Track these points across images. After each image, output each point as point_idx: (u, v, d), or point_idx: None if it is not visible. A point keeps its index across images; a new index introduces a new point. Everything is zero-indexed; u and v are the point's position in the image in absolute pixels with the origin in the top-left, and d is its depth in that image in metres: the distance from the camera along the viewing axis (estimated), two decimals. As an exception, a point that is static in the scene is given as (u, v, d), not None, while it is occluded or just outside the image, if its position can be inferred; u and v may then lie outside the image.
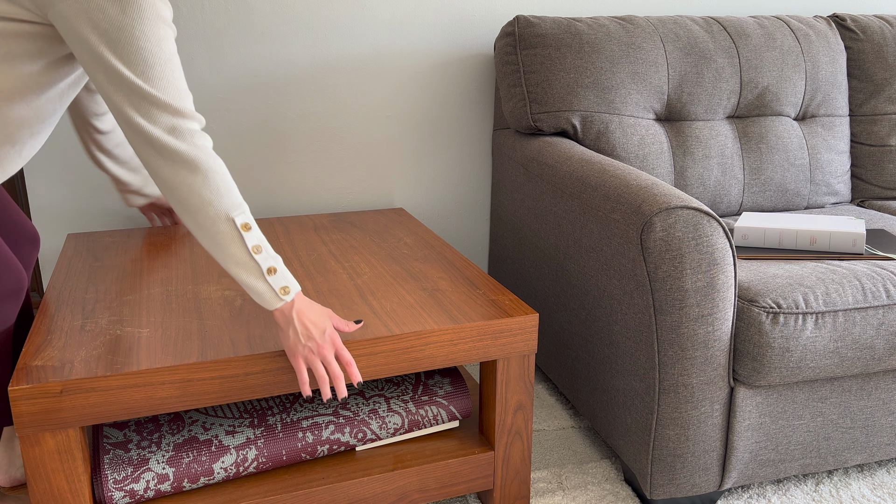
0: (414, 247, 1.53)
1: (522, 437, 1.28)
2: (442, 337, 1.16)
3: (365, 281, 1.34)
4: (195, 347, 1.09)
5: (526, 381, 1.24)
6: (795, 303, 1.20)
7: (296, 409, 1.23)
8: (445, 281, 1.34)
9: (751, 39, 1.78)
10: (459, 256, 1.46)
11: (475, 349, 1.18)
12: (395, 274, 1.37)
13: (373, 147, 1.90)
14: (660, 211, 1.17)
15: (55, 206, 1.72)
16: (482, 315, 1.20)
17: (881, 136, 1.89)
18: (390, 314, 1.19)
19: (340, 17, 1.79)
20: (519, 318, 1.20)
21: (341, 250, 1.50)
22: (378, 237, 1.60)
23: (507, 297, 1.27)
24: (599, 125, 1.66)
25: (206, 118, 1.77)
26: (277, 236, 1.60)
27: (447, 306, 1.23)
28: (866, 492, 1.41)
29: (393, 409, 1.25)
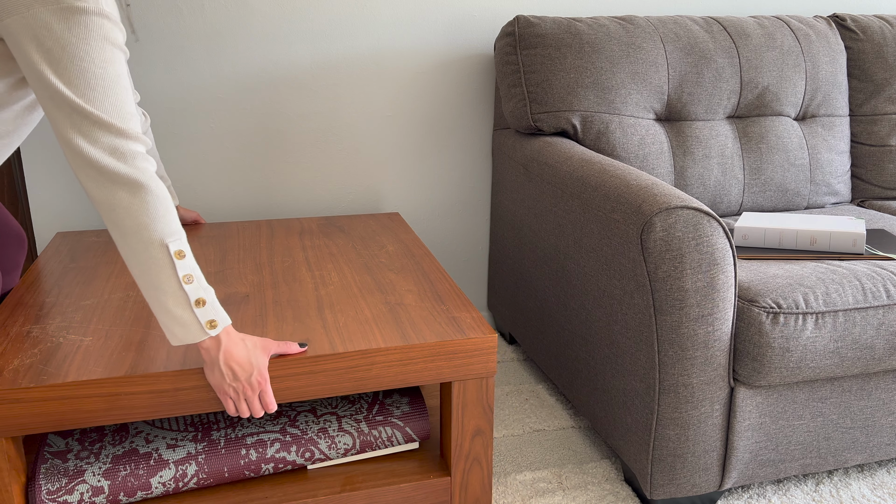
0: (394, 255, 1.48)
1: (482, 463, 1.21)
2: (389, 356, 1.10)
3: (329, 292, 1.29)
4: (129, 360, 1.05)
5: (485, 406, 1.17)
6: (795, 303, 1.20)
7: (242, 424, 1.18)
8: (412, 294, 1.29)
9: (751, 39, 1.78)
10: (437, 267, 1.41)
11: (427, 370, 1.12)
12: (363, 285, 1.33)
13: (373, 147, 1.90)
14: (660, 211, 1.17)
15: (55, 206, 1.72)
16: (438, 334, 1.13)
17: (881, 136, 1.89)
18: (341, 330, 1.14)
19: (340, 18, 1.79)
20: (475, 340, 1.13)
21: (318, 257, 1.47)
22: (361, 244, 1.55)
23: (471, 314, 1.21)
24: (599, 125, 1.66)
25: (206, 118, 1.77)
26: (259, 240, 1.57)
27: (403, 323, 1.17)
28: (866, 492, 1.41)
29: (344, 429, 1.19)
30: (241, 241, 1.57)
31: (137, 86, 1.71)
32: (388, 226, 1.70)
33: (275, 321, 1.18)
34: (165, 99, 1.73)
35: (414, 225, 1.99)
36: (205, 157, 1.79)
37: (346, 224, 1.71)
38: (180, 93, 1.73)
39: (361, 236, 1.61)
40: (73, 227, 1.74)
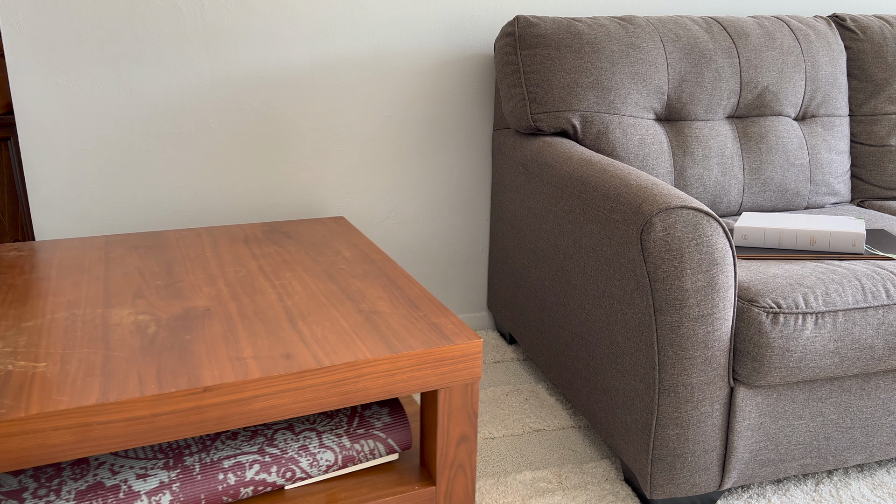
0: (353, 261, 1.42)
1: (466, 470, 1.18)
2: (377, 367, 1.05)
3: (296, 302, 1.23)
4: (96, 386, 0.96)
5: (469, 412, 1.14)
6: (795, 303, 1.20)
7: (217, 447, 1.11)
8: (385, 302, 1.24)
9: (751, 39, 1.78)
10: (401, 272, 1.37)
11: (414, 379, 1.08)
12: (330, 294, 1.26)
13: (373, 147, 1.90)
14: (660, 211, 1.17)
15: (56, 206, 1.72)
16: (422, 342, 1.09)
17: (881, 136, 1.89)
18: (321, 342, 1.09)
19: (340, 17, 1.79)
20: (462, 346, 1.09)
21: (273, 265, 1.39)
22: (314, 250, 1.48)
23: (450, 319, 1.17)
24: (599, 125, 1.66)
25: (206, 118, 1.77)
26: (204, 249, 1.48)
27: (384, 332, 1.12)
28: (866, 492, 1.41)
29: (325, 445, 1.14)
30: (184, 250, 1.47)
31: (138, 85, 1.71)
32: (337, 230, 1.62)
33: (247, 336, 1.10)
34: (165, 99, 1.73)
35: (414, 224, 1.99)
36: (205, 157, 1.79)
37: (291, 230, 1.61)
38: (180, 93, 1.73)
39: (312, 242, 1.53)
40: (73, 227, 1.74)
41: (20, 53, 1.61)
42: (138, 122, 1.73)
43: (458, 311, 2.10)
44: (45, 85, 1.65)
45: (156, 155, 1.76)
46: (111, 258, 1.42)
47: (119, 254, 1.44)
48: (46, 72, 1.64)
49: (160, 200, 1.79)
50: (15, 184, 1.69)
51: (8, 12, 1.58)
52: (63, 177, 1.71)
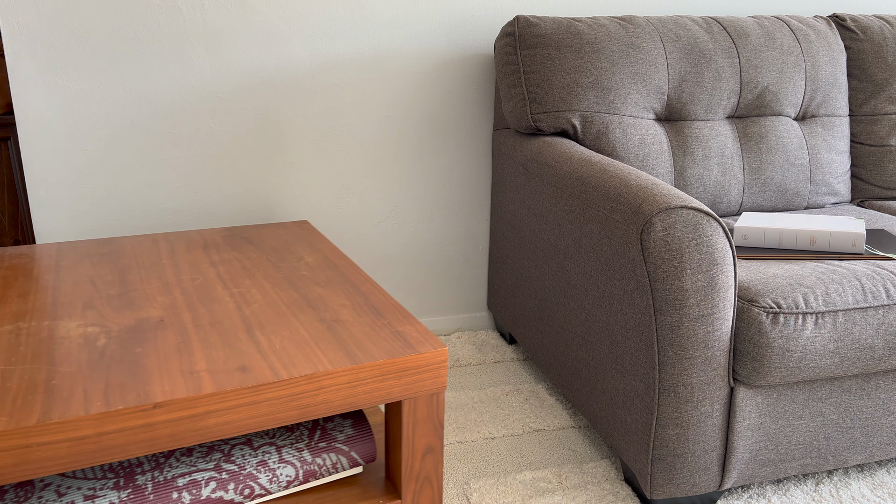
0: (315, 268, 1.37)
1: (433, 482, 1.14)
2: (338, 379, 1.01)
3: (254, 311, 1.18)
4: (37, 404, 0.91)
5: (435, 422, 1.11)
6: (795, 303, 1.20)
7: (171, 464, 1.07)
8: (347, 309, 1.19)
9: (751, 39, 1.78)
10: (365, 278, 1.32)
11: (377, 390, 1.05)
12: (291, 302, 1.21)
13: (373, 147, 1.90)
14: (660, 211, 1.17)
15: (56, 206, 1.72)
16: (386, 351, 1.06)
17: (881, 136, 1.89)
18: (279, 353, 1.04)
19: (340, 18, 1.79)
20: (427, 355, 1.06)
21: (231, 273, 1.33)
22: (275, 256, 1.43)
23: (415, 327, 1.13)
24: (599, 125, 1.66)
25: (206, 118, 1.77)
26: (159, 256, 1.42)
27: (346, 341, 1.08)
28: (866, 492, 1.41)
29: (285, 460, 1.10)
30: (139, 258, 1.41)
31: (138, 85, 1.71)
32: (300, 235, 1.56)
33: (202, 348, 1.05)
34: (165, 99, 1.73)
35: (414, 225, 1.99)
36: (205, 157, 1.79)
37: (253, 235, 1.56)
38: (180, 93, 1.73)
39: (273, 248, 1.47)
40: (73, 227, 1.74)
41: (20, 53, 1.61)
42: (138, 122, 1.73)
43: (458, 312, 2.10)
44: (45, 85, 1.65)
45: (156, 155, 1.76)
46: (62, 266, 1.36)
47: (71, 262, 1.38)
48: (46, 72, 1.64)
49: (160, 200, 1.79)
50: (15, 184, 1.69)
51: (8, 12, 1.58)
52: (63, 177, 1.71)
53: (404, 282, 2.03)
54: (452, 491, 1.40)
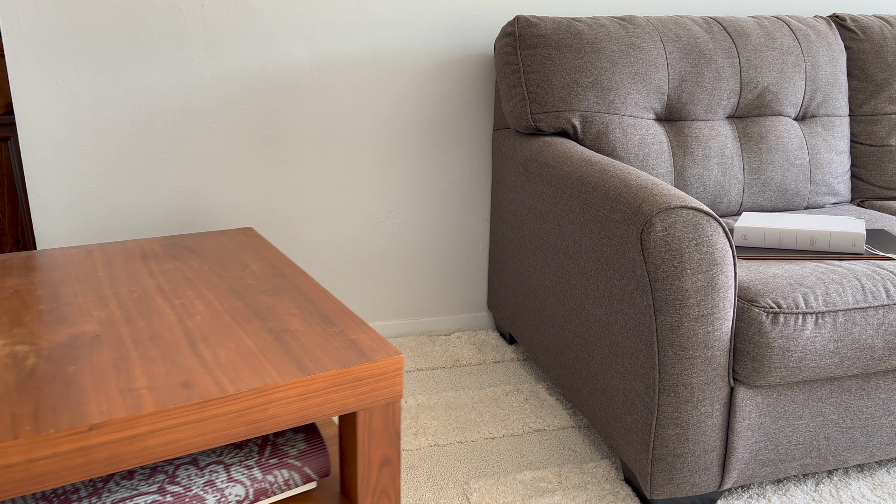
0: (262, 276, 1.31)
1: (390, 495, 1.10)
2: (288, 392, 0.96)
3: (197, 323, 1.12)
4: None
5: (392, 433, 1.06)
6: (795, 303, 1.20)
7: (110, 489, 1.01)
8: (297, 318, 1.14)
9: (751, 39, 1.78)
10: (314, 285, 1.27)
11: (330, 402, 1.00)
12: (236, 312, 1.16)
13: (373, 147, 1.90)
14: (660, 211, 1.17)
15: (56, 206, 1.72)
16: (338, 361, 1.01)
17: (881, 136, 1.89)
18: (225, 367, 0.99)
19: (340, 18, 1.79)
20: (381, 363, 1.01)
21: (172, 284, 1.27)
22: (220, 265, 1.36)
23: (369, 335, 1.09)
24: (599, 125, 1.66)
25: (206, 118, 1.77)
26: (95, 268, 1.34)
27: (296, 352, 1.03)
28: (866, 492, 1.41)
29: (234, 479, 1.04)
30: (73, 270, 1.33)
31: (138, 85, 1.71)
32: (244, 242, 1.49)
33: (141, 364, 0.99)
34: (165, 99, 1.73)
35: (414, 225, 1.99)
36: (205, 157, 1.79)
37: (194, 243, 1.49)
38: (180, 93, 1.73)
39: (217, 256, 1.41)
40: (73, 227, 1.74)
41: (20, 53, 1.61)
42: (138, 122, 1.73)
43: (458, 312, 2.10)
44: (45, 85, 1.65)
45: (156, 155, 1.76)
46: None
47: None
48: (46, 72, 1.64)
49: (160, 200, 1.79)
50: (15, 184, 1.69)
51: (8, 12, 1.58)
52: (63, 177, 1.71)
53: (405, 282, 2.03)
54: (452, 491, 1.40)
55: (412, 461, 1.49)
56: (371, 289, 2.01)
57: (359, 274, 1.99)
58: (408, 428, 1.60)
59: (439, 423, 1.62)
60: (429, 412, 1.66)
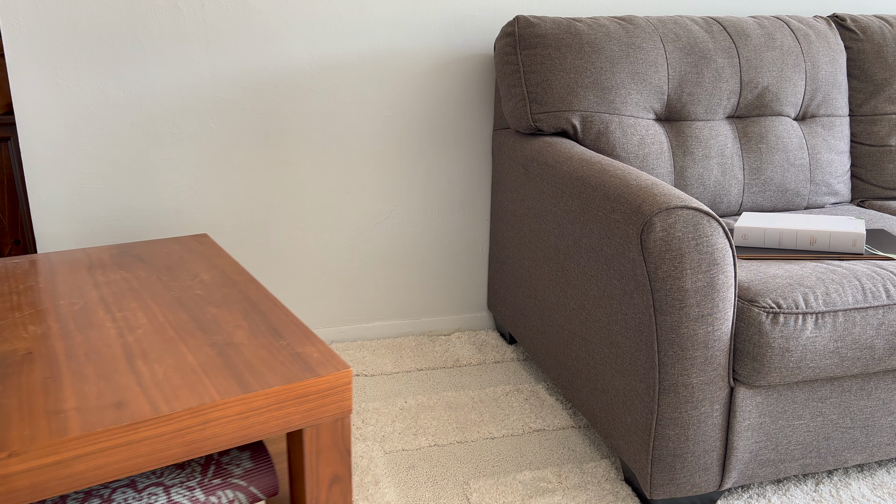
0: (211, 285, 1.26)
1: None
2: (228, 411, 0.92)
3: (138, 337, 1.07)
4: None
5: (342, 449, 1.03)
6: (795, 303, 1.20)
7: None
8: (243, 331, 1.09)
9: (751, 39, 1.78)
10: (265, 295, 1.22)
11: (274, 420, 0.96)
12: (180, 325, 1.11)
13: (373, 147, 1.90)
14: (660, 211, 1.17)
15: (55, 206, 1.72)
16: (282, 377, 0.96)
17: (881, 136, 1.89)
18: (161, 385, 0.94)
19: (340, 18, 1.79)
20: (328, 378, 0.98)
21: (116, 295, 1.21)
22: (168, 274, 1.31)
23: (317, 347, 1.05)
24: (599, 125, 1.66)
25: (206, 118, 1.77)
26: (36, 279, 1.28)
27: (239, 367, 0.99)
28: (866, 492, 1.41)
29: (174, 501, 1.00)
30: (12, 283, 1.27)
31: (138, 85, 1.71)
32: (197, 250, 1.44)
33: (73, 382, 0.93)
34: (165, 99, 1.73)
35: (414, 225, 1.99)
36: (205, 157, 1.79)
37: (144, 252, 1.43)
38: (180, 93, 1.73)
39: (167, 265, 1.36)
40: (73, 227, 1.74)
41: (20, 53, 1.61)
42: (138, 122, 1.73)
43: (458, 312, 2.10)
44: (45, 85, 1.65)
45: (156, 155, 1.76)
46: None
47: None
48: (46, 72, 1.64)
49: (160, 200, 1.79)
50: (15, 184, 1.69)
51: (8, 12, 1.59)
52: (63, 177, 1.71)
53: (404, 282, 2.03)
54: (452, 491, 1.40)
55: (412, 461, 1.49)
56: (371, 289, 2.01)
57: (359, 274, 1.99)
58: (408, 428, 1.60)
59: (439, 423, 1.62)
60: (429, 412, 1.66)
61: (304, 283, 1.95)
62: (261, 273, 1.91)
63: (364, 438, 1.56)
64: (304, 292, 1.96)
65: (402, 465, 1.47)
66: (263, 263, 1.90)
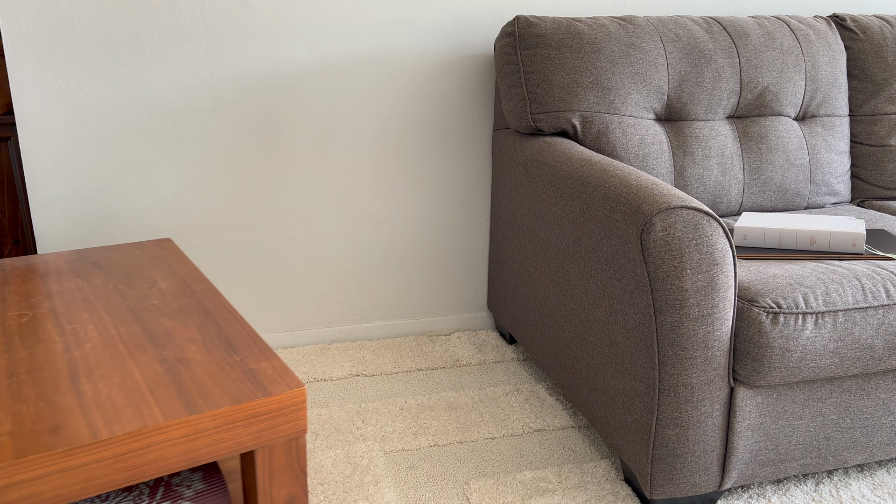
0: (168, 295, 1.20)
1: None
2: (172, 434, 0.87)
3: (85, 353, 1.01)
4: None
5: (297, 470, 0.98)
6: (795, 303, 1.20)
7: None
8: (196, 345, 1.04)
9: (751, 39, 1.78)
10: (223, 305, 1.17)
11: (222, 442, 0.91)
12: (132, 338, 1.06)
13: (373, 147, 1.90)
14: (660, 211, 1.17)
15: (55, 206, 1.72)
16: (231, 396, 0.91)
17: (881, 136, 1.89)
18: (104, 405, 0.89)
19: (340, 18, 1.79)
20: (281, 396, 0.93)
21: (68, 306, 1.16)
22: (125, 282, 1.25)
23: (271, 363, 1.00)
24: (599, 125, 1.66)
25: (206, 118, 1.77)
26: None
27: (187, 386, 0.94)
28: (866, 492, 1.41)
29: None
30: None
31: (138, 85, 1.71)
32: (159, 255, 1.38)
33: (10, 404, 0.88)
34: (165, 99, 1.73)
35: (414, 225, 1.99)
36: (205, 157, 1.79)
37: (104, 258, 1.36)
38: (180, 93, 1.73)
39: (124, 273, 1.30)
40: (73, 227, 1.74)
41: (20, 53, 1.61)
42: (138, 122, 1.73)
43: (458, 312, 2.10)
44: (45, 85, 1.65)
45: (156, 155, 1.76)
46: None
47: None
48: (46, 72, 1.64)
49: (160, 200, 1.79)
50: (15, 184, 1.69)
51: (8, 12, 1.59)
52: (63, 177, 1.71)
53: (404, 282, 2.03)
54: (452, 491, 1.40)
55: (412, 461, 1.49)
56: (371, 289, 2.01)
57: (359, 274, 1.99)
58: (408, 428, 1.60)
59: (439, 423, 1.62)
60: (429, 412, 1.66)
61: (303, 283, 1.95)
62: (261, 273, 1.91)
63: (364, 438, 1.56)
64: (304, 292, 1.96)
65: (402, 465, 1.47)
66: (263, 263, 1.90)
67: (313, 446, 1.53)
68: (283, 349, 1.97)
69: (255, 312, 1.94)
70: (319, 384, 1.79)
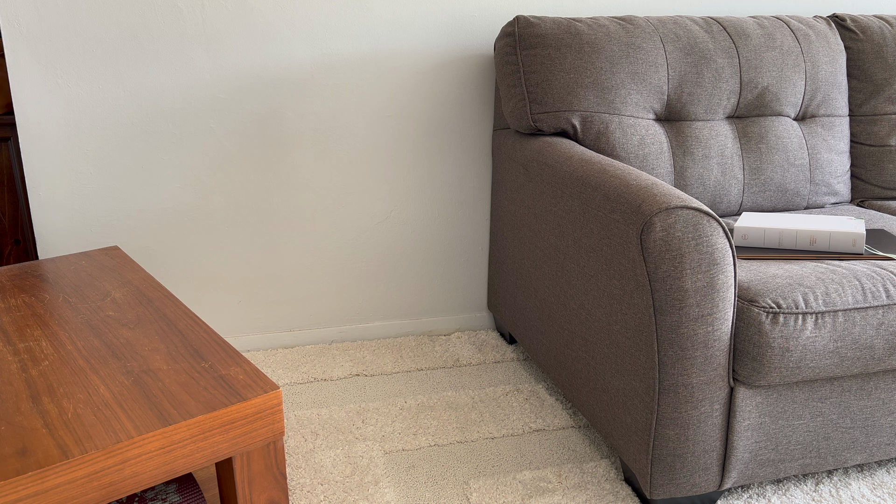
0: (124, 305, 1.16)
1: None
2: (147, 447, 0.84)
3: (43, 370, 0.97)
4: None
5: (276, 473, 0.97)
6: (795, 303, 1.20)
7: None
8: (160, 354, 1.01)
9: (751, 39, 1.78)
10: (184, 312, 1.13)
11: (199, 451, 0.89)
12: (91, 352, 1.01)
13: (373, 147, 1.90)
14: (659, 211, 1.17)
15: (56, 206, 1.72)
16: (205, 404, 0.89)
17: (881, 136, 1.89)
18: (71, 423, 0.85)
19: (340, 18, 1.79)
20: (256, 401, 0.91)
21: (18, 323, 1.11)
22: (76, 295, 1.20)
23: (243, 367, 0.98)
24: (599, 125, 1.66)
25: (206, 118, 1.77)
26: None
27: (157, 397, 0.91)
28: (866, 492, 1.41)
29: None
30: None
31: (138, 85, 1.71)
32: (108, 266, 1.33)
33: None
34: (165, 99, 1.73)
35: (414, 225, 1.99)
36: (205, 157, 1.79)
37: (48, 271, 1.31)
38: (180, 93, 1.73)
39: (74, 285, 1.25)
40: (73, 227, 1.74)
41: (20, 53, 1.61)
42: (138, 122, 1.73)
43: (458, 312, 2.10)
44: (45, 85, 1.65)
45: (156, 155, 1.76)
46: None
47: None
48: (46, 72, 1.64)
49: (160, 200, 1.79)
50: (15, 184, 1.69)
51: (8, 12, 1.59)
52: (63, 177, 1.71)
53: (404, 282, 2.03)
54: (452, 491, 1.40)
55: (412, 461, 1.49)
56: (371, 289, 2.01)
57: (359, 274, 1.99)
58: (408, 428, 1.60)
59: (439, 423, 1.62)
60: (429, 412, 1.66)
61: (303, 283, 1.95)
62: (260, 273, 1.91)
63: (364, 438, 1.56)
64: (304, 292, 1.96)
65: (402, 465, 1.47)
66: (263, 263, 1.90)
67: (313, 446, 1.53)
68: (283, 349, 1.97)
69: (255, 312, 1.94)
70: (319, 384, 1.79)
